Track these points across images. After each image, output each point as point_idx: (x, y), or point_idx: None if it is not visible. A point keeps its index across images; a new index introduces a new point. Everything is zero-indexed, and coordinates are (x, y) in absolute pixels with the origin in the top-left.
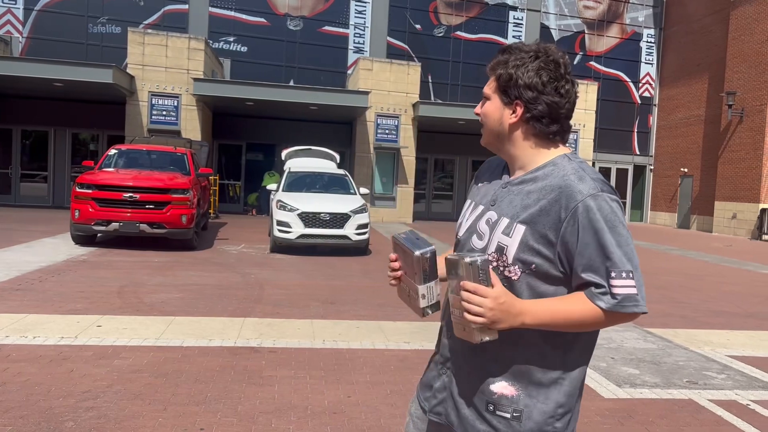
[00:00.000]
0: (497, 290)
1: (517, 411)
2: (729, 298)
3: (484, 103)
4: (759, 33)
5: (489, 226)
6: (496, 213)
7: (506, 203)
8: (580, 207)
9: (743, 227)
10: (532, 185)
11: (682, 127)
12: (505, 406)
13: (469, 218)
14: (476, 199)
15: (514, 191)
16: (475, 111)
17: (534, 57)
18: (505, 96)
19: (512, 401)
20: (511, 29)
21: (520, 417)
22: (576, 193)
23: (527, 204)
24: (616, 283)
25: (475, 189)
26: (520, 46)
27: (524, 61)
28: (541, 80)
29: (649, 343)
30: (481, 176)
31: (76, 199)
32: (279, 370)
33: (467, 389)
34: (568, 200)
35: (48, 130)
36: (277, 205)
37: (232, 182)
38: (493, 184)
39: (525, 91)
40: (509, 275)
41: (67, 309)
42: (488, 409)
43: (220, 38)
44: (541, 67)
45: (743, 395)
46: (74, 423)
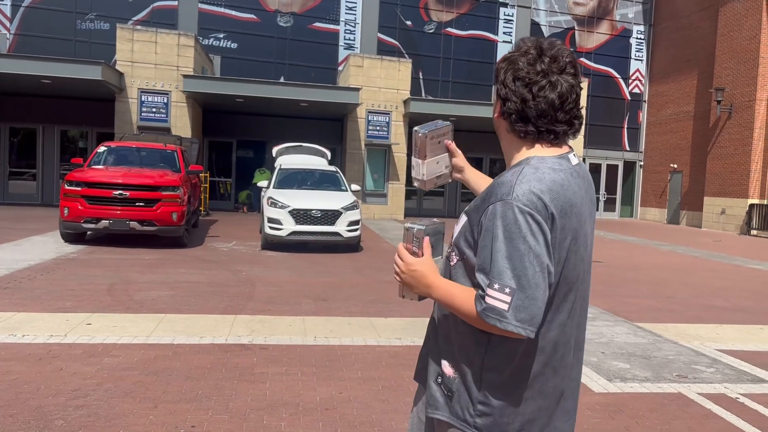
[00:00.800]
0: (416, 259)
1: (450, 391)
2: (718, 292)
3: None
4: (747, 29)
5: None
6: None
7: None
8: (489, 209)
9: (732, 222)
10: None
11: (672, 123)
12: (445, 383)
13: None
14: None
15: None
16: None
17: (524, 53)
18: (498, 101)
19: (449, 381)
20: (501, 26)
21: (451, 397)
22: (493, 195)
23: (477, 198)
24: (490, 293)
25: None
26: (531, 43)
27: (514, 56)
28: (514, 76)
29: (640, 337)
30: None
31: (66, 196)
32: (270, 366)
33: (432, 358)
34: (488, 201)
35: (36, 128)
36: (268, 202)
37: (222, 179)
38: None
39: (501, 87)
40: (452, 262)
41: (57, 307)
42: (436, 381)
43: (209, 35)
44: (520, 64)
45: (732, 389)
46: (64, 421)
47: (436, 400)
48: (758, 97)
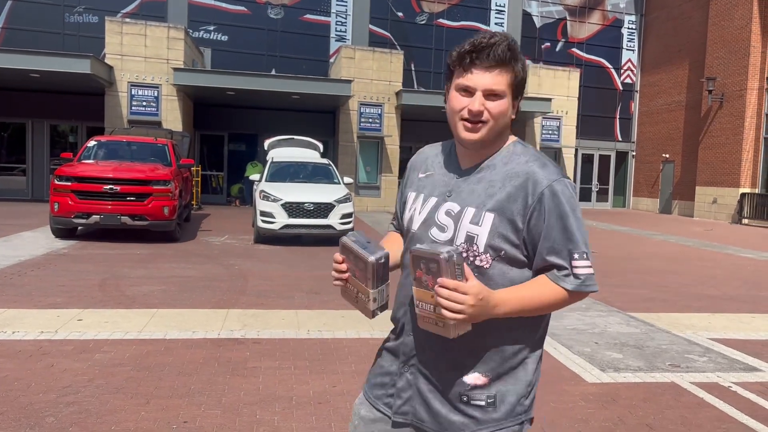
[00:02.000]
0: (476, 286)
1: (490, 397)
2: (710, 281)
3: (493, 101)
4: (738, 18)
5: (452, 217)
6: (458, 204)
7: (466, 193)
8: (546, 192)
9: (724, 212)
10: (491, 173)
11: (664, 113)
12: (478, 396)
13: (423, 211)
14: (425, 191)
15: (473, 180)
16: (475, 109)
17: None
18: (515, 92)
19: (485, 389)
20: (493, 16)
21: (494, 402)
22: (542, 178)
23: (492, 192)
24: (577, 264)
25: (417, 181)
26: (502, 33)
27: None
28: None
29: (633, 327)
30: (419, 167)
31: (56, 191)
32: (263, 360)
33: (438, 384)
34: (535, 186)
35: (25, 122)
36: (260, 196)
37: (214, 173)
38: (443, 176)
39: (521, 69)
40: (480, 264)
41: (47, 303)
42: (462, 400)
43: (200, 27)
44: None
45: (724, 377)
46: (55, 418)
47: (470, 418)
48: (749, 86)
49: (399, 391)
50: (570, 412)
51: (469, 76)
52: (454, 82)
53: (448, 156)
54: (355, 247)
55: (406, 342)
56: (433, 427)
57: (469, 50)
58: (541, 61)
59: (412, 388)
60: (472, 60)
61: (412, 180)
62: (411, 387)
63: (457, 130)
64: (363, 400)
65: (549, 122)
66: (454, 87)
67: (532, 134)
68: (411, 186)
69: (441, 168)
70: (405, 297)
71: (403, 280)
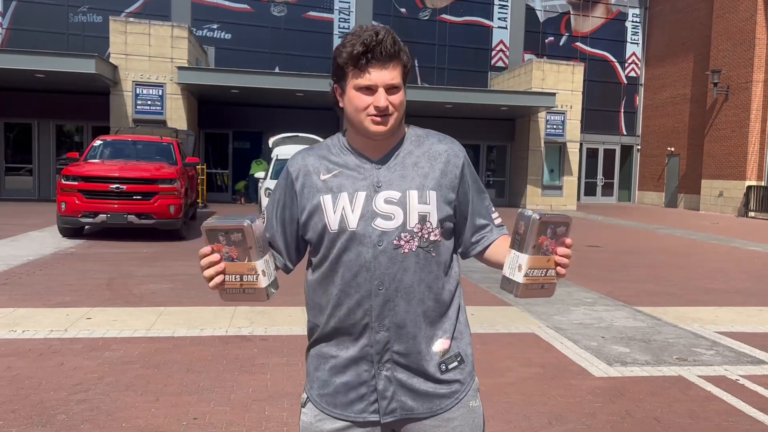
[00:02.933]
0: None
1: (458, 356)
2: (717, 275)
3: (393, 93)
4: (743, 11)
5: (395, 203)
6: (396, 190)
7: (398, 179)
8: (464, 163)
9: (730, 205)
10: (411, 157)
11: (669, 106)
12: (450, 358)
13: (354, 208)
14: (345, 189)
15: (396, 167)
16: (381, 105)
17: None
18: (406, 80)
19: (451, 350)
20: (496, 11)
21: (462, 359)
22: (458, 152)
23: (425, 173)
24: (494, 216)
25: (323, 183)
26: (380, 27)
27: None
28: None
29: (639, 321)
30: (314, 171)
31: (62, 191)
32: (271, 357)
33: (418, 366)
34: (456, 159)
35: (31, 122)
36: (265, 193)
37: (219, 171)
38: (356, 171)
39: (407, 57)
40: (435, 238)
41: (56, 302)
42: (441, 369)
43: (203, 26)
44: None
45: (732, 371)
46: (66, 416)
47: (455, 383)
48: (755, 78)
49: (382, 392)
50: (577, 406)
51: (369, 76)
52: (351, 83)
53: (344, 154)
54: (222, 223)
55: (378, 340)
56: (424, 410)
57: (363, 51)
58: (544, 56)
59: (393, 383)
60: (368, 60)
61: (313, 184)
62: (392, 382)
63: (364, 125)
64: (321, 415)
65: (553, 117)
66: (353, 87)
67: (536, 129)
68: (316, 190)
69: (346, 165)
70: (362, 297)
71: (349, 280)
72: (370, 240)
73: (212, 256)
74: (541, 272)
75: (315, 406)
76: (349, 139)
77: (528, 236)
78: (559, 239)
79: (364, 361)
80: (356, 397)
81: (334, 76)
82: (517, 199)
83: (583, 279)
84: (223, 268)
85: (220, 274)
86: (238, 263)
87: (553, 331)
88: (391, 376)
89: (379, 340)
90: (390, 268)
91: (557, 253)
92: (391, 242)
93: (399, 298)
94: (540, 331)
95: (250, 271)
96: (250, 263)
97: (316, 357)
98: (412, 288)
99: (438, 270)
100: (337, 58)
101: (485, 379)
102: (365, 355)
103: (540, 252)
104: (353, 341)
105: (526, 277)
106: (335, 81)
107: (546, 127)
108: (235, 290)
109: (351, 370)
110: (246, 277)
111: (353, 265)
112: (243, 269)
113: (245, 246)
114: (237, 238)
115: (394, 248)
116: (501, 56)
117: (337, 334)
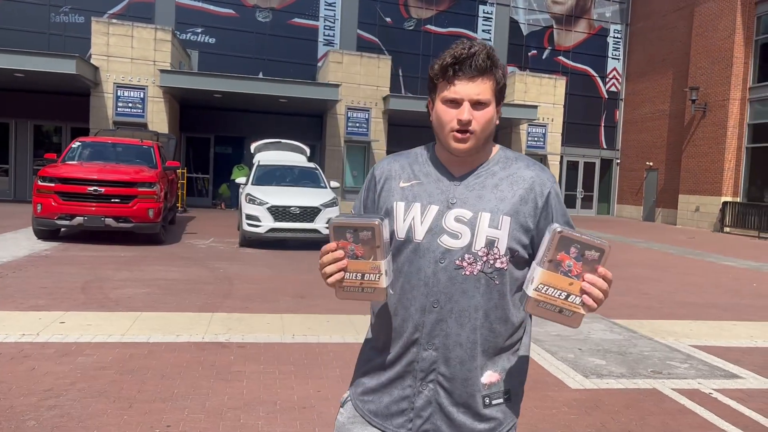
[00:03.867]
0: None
1: (506, 393)
2: (692, 289)
3: (480, 110)
4: (722, 29)
5: (465, 223)
6: (469, 210)
7: (474, 199)
8: (551, 193)
9: (706, 220)
10: (493, 179)
11: (648, 121)
12: (496, 393)
13: (424, 220)
14: (420, 199)
15: (475, 186)
16: (464, 118)
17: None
18: (498, 98)
19: (499, 385)
20: (480, 23)
21: (509, 397)
22: (546, 181)
23: (503, 197)
24: None
25: (401, 190)
26: (479, 42)
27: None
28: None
29: (616, 334)
30: (396, 176)
31: (39, 192)
32: (248, 365)
33: (461, 394)
34: (542, 188)
35: (9, 122)
36: (246, 199)
37: (200, 176)
38: (435, 184)
39: (502, 76)
40: (501, 266)
41: (29, 305)
42: (485, 404)
43: (187, 29)
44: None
45: (705, 384)
46: (36, 422)
47: (493, 421)
48: (732, 96)
49: (419, 410)
50: (553, 417)
51: (454, 88)
52: (439, 95)
53: (428, 165)
54: (353, 221)
55: (425, 357)
56: None
57: (452, 63)
58: (527, 69)
59: (432, 405)
60: (455, 72)
61: (392, 189)
62: (431, 404)
63: (447, 140)
64: (356, 416)
65: (535, 129)
66: (440, 100)
67: (518, 141)
68: (393, 195)
69: (427, 177)
70: (416, 311)
71: (407, 291)
72: (433, 255)
73: (337, 252)
74: (559, 293)
75: (354, 409)
76: (437, 151)
77: (546, 248)
78: (589, 264)
79: (410, 376)
80: (397, 411)
81: (428, 89)
82: None
83: None
84: (346, 265)
85: (341, 271)
86: (362, 261)
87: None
88: (431, 397)
89: (426, 357)
90: (448, 288)
91: (584, 279)
92: (453, 261)
93: (452, 319)
94: None
95: (374, 270)
96: (375, 262)
97: (365, 362)
98: (468, 312)
99: (500, 299)
100: (429, 70)
101: None
102: (411, 370)
103: (559, 270)
104: (402, 355)
105: (536, 291)
106: (428, 93)
107: (527, 139)
108: (353, 288)
109: (396, 384)
110: (368, 275)
111: (413, 277)
112: (366, 267)
113: (373, 244)
114: (366, 236)
115: (455, 268)
116: None
117: (389, 343)
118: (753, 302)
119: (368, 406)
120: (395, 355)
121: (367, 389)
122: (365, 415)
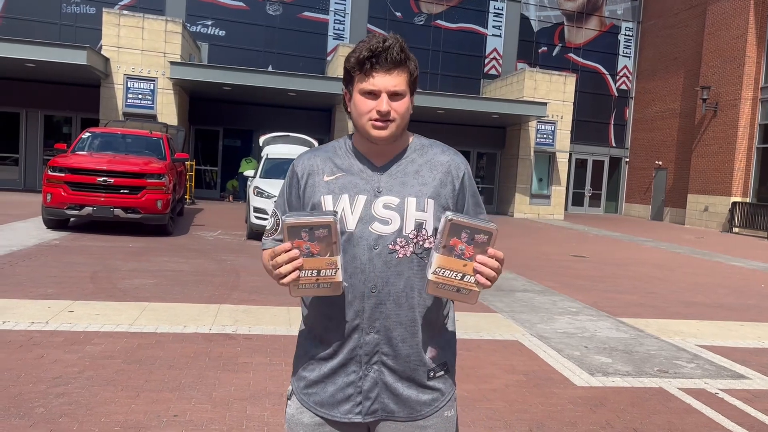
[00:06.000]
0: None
1: (444, 365)
2: (700, 289)
3: (397, 100)
4: (734, 28)
5: (393, 209)
6: (396, 196)
7: (398, 186)
8: (466, 175)
9: (715, 220)
10: (412, 165)
11: (658, 120)
12: (438, 367)
13: (354, 210)
14: (347, 191)
15: (397, 174)
16: (383, 109)
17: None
18: (412, 89)
19: (439, 358)
20: (491, 19)
21: (448, 369)
22: (460, 164)
23: (425, 181)
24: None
25: (326, 184)
26: (390, 35)
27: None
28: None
29: (622, 332)
30: (319, 171)
31: (48, 182)
32: (254, 356)
33: (406, 370)
34: (457, 171)
35: (20, 112)
36: (254, 192)
37: (208, 168)
38: (359, 175)
39: (414, 67)
40: (430, 246)
41: (38, 294)
42: (429, 377)
43: (197, 21)
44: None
45: (712, 384)
46: (44, 409)
47: (437, 392)
48: (743, 96)
49: (366, 392)
50: (558, 414)
51: (372, 81)
52: (357, 87)
53: (349, 157)
54: (308, 219)
55: (368, 341)
56: (403, 414)
57: (368, 56)
58: (537, 66)
59: (378, 385)
60: (372, 65)
61: (316, 184)
62: (377, 384)
63: (366, 129)
64: (303, 409)
65: (544, 126)
66: (358, 91)
67: (526, 138)
68: (318, 190)
69: (350, 169)
70: (355, 298)
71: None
72: (366, 242)
73: (292, 252)
74: (455, 275)
75: (300, 402)
76: (355, 143)
77: (440, 235)
78: (480, 246)
79: (353, 362)
80: (343, 398)
81: (344, 81)
82: (506, 207)
83: (567, 289)
84: (301, 264)
85: (297, 270)
86: (318, 258)
87: (536, 340)
88: (377, 378)
89: (369, 341)
90: (384, 272)
91: (476, 260)
92: (387, 246)
93: (390, 302)
94: (524, 338)
95: (330, 265)
96: (332, 258)
97: (303, 354)
98: (405, 293)
99: None
100: (345, 63)
101: (469, 384)
102: (354, 356)
103: (453, 254)
104: (343, 342)
105: (434, 274)
106: (345, 85)
107: (536, 136)
108: (309, 285)
109: (340, 372)
110: (324, 271)
111: (348, 266)
112: (322, 264)
113: (330, 241)
114: (322, 233)
115: (389, 252)
116: (494, 64)
117: (327, 332)
118: (760, 303)
119: (313, 398)
120: (337, 344)
121: (309, 382)
122: (311, 408)
